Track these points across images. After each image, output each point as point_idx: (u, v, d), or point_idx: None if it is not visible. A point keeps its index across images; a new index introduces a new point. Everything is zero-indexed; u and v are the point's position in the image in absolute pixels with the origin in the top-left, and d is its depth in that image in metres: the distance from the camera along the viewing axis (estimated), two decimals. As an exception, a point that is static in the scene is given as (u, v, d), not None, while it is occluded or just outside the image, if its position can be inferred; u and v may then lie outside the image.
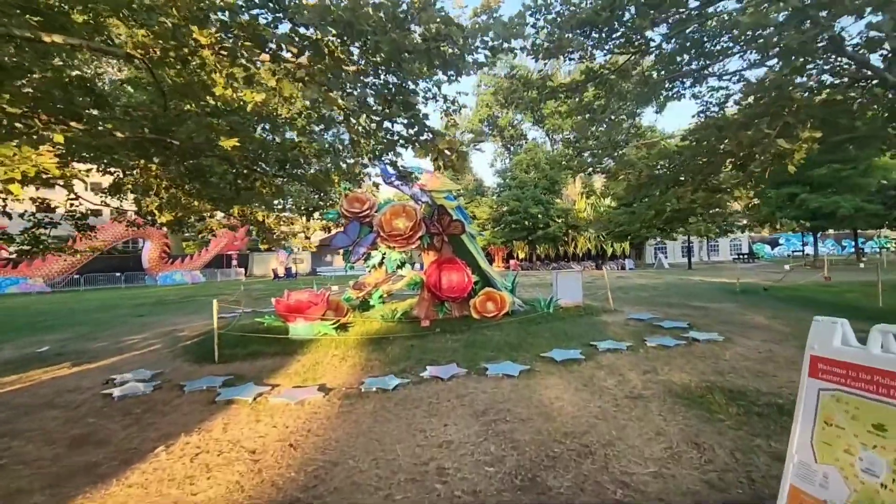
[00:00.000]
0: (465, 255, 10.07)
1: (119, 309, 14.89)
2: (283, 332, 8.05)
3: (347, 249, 9.70)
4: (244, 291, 16.30)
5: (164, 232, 33.07)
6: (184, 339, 8.72)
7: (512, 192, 37.18)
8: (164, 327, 10.43)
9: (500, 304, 9.38)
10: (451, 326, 8.69)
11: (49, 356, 7.50)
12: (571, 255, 41.34)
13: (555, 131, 53.29)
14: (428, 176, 10.01)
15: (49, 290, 26.77)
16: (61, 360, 7.12)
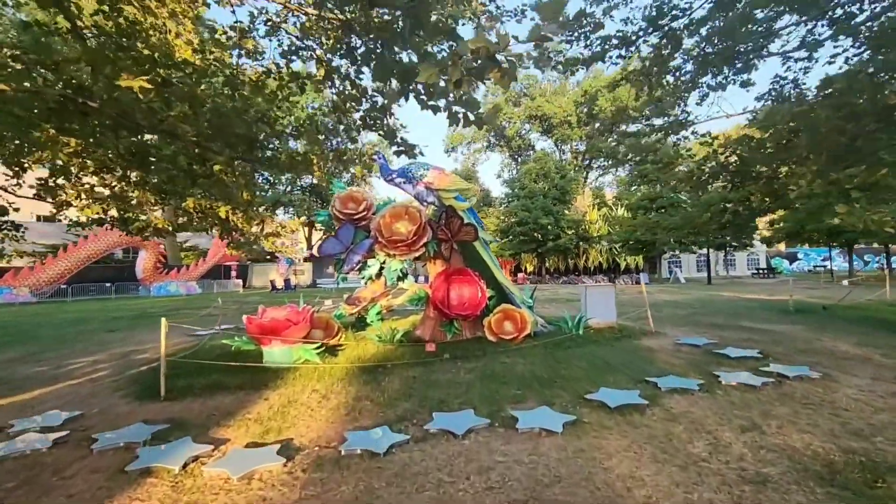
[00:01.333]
0: (478, 266, 8.55)
1: (91, 323, 13.43)
2: (256, 358, 6.53)
3: (339, 258, 8.21)
4: (223, 305, 14.82)
5: (159, 241, 31.84)
6: (139, 363, 7.22)
7: (521, 202, 35.76)
8: (126, 346, 8.94)
9: (521, 323, 7.84)
10: (462, 351, 7.15)
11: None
12: (583, 268, 39.70)
13: (563, 141, 52.06)
14: (435, 173, 8.56)
15: (34, 301, 25.43)
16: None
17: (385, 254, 8.05)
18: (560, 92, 53.34)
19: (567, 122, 49.93)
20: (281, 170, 4.90)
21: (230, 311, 15.86)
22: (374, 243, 8.11)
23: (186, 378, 5.84)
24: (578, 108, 51.09)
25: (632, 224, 17.74)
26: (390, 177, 8.57)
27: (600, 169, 57.27)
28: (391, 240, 7.96)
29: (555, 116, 49.06)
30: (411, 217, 8.20)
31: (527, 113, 50.80)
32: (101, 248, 29.16)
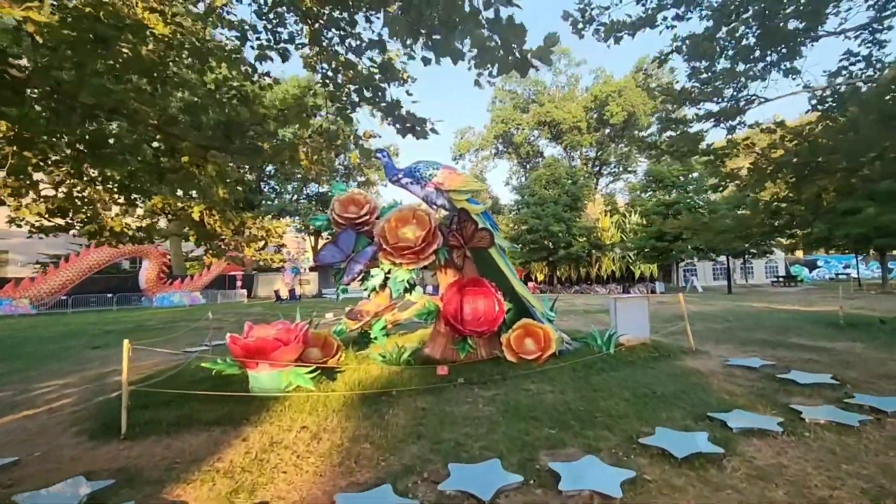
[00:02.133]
0: (494, 275, 7.62)
1: (80, 338, 12.65)
2: (241, 384, 5.65)
3: (339, 267, 7.34)
4: (222, 317, 14.01)
5: (162, 251, 31.32)
6: (112, 387, 6.37)
7: (531, 210, 34.83)
8: (105, 366, 8.11)
9: (544, 341, 6.88)
10: (478, 374, 6.21)
11: None
12: (595, 276, 38.57)
13: (573, 147, 51.21)
14: (445, 172, 7.68)
15: (33, 313, 24.84)
16: None
17: (390, 262, 7.16)
18: (569, 97, 52.60)
19: (577, 127, 49.08)
20: (264, 159, 4.05)
21: (228, 324, 15.04)
22: (377, 251, 7.23)
23: (155, 410, 4.96)
24: (588, 113, 50.27)
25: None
26: (396, 177, 7.70)
27: (611, 175, 56.31)
28: (397, 247, 7.08)
29: (564, 122, 48.24)
30: (419, 221, 7.33)
31: (535, 119, 50.06)
32: (104, 259, 28.60)
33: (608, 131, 52.21)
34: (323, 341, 7.11)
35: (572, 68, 54.40)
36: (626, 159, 53.37)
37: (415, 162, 7.81)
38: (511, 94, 54.47)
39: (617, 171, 55.65)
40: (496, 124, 52.25)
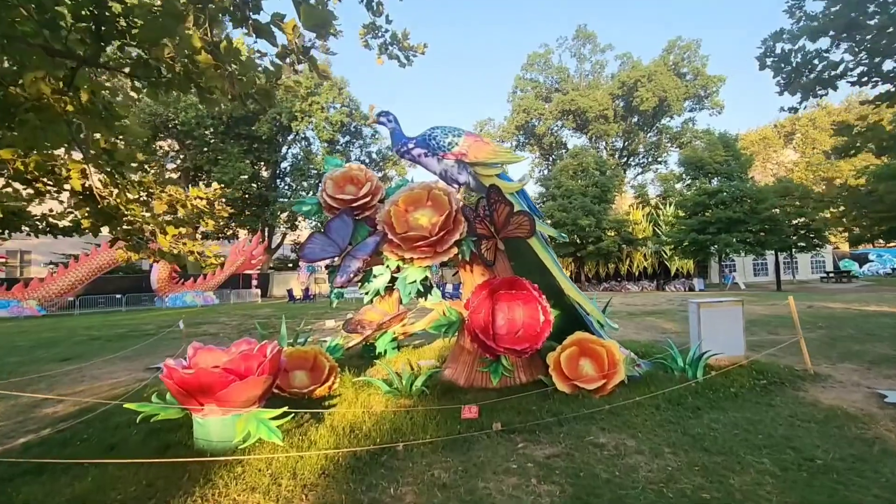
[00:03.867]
0: (536, 274, 5.79)
1: (60, 346, 11.28)
2: (184, 433, 3.97)
3: (332, 263, 5.62)
4: (219, 323, 12.50)
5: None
6: (34, 424, 4.76)
7: (557, 203, 32.64)
8: (57, 387, 6.58)
9: (608, 364, 5.02)
10: (521, 413, 4.41)
11: None
12: (626, 273, 36.18)
13: (599, 137, 48.65)
14: (470, 140, 5.86)
15: (40, 314, 24.00)
16: None
17: (398, 258, 5.39)
18: (594, 85, 49.97)
19: (603, 116, 46.45)
20: (167, 85, 2.32)
21: (228, 330, 13.55)
22: (381, 242, 5.47)
23: (34, 482, 3.30)
24: (615, 100, 47.61)
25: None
26: (405, 147, 5.92)
27: (639, 166, 53.42)
28: (407, 237, 5.32)
29: (589, 110, 45.65)
30: (436, 203, 5.55)
31: (559, 108, 47.60)
32: (113, 258, 27.63)
33: (636, 119, 49.42)
34: (312, 362, 5.40)
35: (597, 54, 51.74)
36: (656, 149, 50.43)
37: (430, 128, 6.01)
38: (532, 82, 52.08)
39: (646, 161, 52.74)
40: (517, 114, 49.92)
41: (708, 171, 27.20)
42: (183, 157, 34.37)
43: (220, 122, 32.82)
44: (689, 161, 29.37)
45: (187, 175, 35.38)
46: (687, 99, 46.83)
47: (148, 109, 30.86)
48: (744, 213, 24.49)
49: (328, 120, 36.72)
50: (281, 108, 34.99)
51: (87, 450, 3.92)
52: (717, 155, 26.83)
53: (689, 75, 46.42)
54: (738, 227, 24.84)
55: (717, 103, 47.23)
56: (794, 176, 38.27)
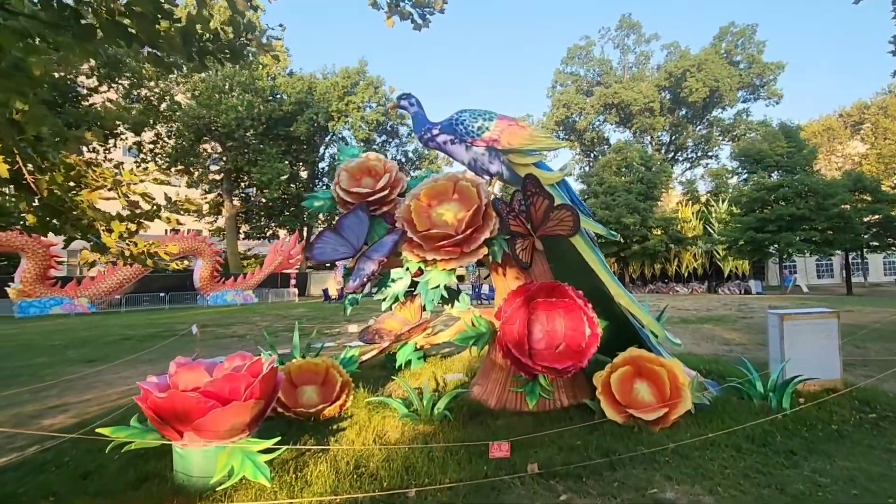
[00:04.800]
0: (581, 278, 4.95)
1: (94, 344, 11.32)
2: (167, 458, 3.41)
3: (346, 266, 4.99)
4: (250, 324, 12.23)
5: (216, 249, 30.98)
6: (15, 446, 4.37)
7: (599, 200, 31.12)
8: (66, 396, 6.31)
9: (672, 389, 4.12)
10: (564, 450, 3.61)
11: None
12: (674, 273, 34.14)
13: (644, 131, 46.39)
14: (503, 124, 5.09)
15: (90, 311, 24.93)
16: None
17: (418, 259, 4.69)
18: (639, 77, 47.71)
19: (648, 109, 44.21)
20: (84, 35, 1.71)
21: (255, 331, 13.29)
22: (399, 241, 4.78)
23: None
24: (661, 92, 45.25)
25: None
26: (429, 133, 5.21)
27: (687, 161, 50.59)
28: (429, 235, 4.61)
29: (634, 103, 43.55)
30: (463, 197, 4.82)
31: (601, 101, 45.69)
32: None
33: (685, 112, 46.79)
34: (323, 376, 4.78)
35: (642, 45, 49.39)
36: (707, 142, 47.55)
37: (457, 111, 5.28)
38: (573, 76, 50.33)
39: (695, 156, 49.88)
40: (557, 109, 48.33)
41: (767, 165, 25.03)
42: (224, 159, 35.10)
43: (259, 124, 33.28)
44: (746, 154, 27.22)
45: (229, 176, 36.19)
46: (741, 89, 43.90)
47: (192, 112, 31.67)
48: (809, 209, 22.34)
49: (364, 119, 36.64)
50: (318, 109, 35.19)
51: (60, 478, 3.43)
52: (777, 146, 24.64)
53: (743, 63, 43.47)
54: (802, 225, 22.72)
55: (775, 92, 44.03)
56: (862, 169, 34.97)
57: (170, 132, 33.91)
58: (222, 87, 32.10)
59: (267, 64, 35.26)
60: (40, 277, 23.48)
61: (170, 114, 32.31)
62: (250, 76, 33.10)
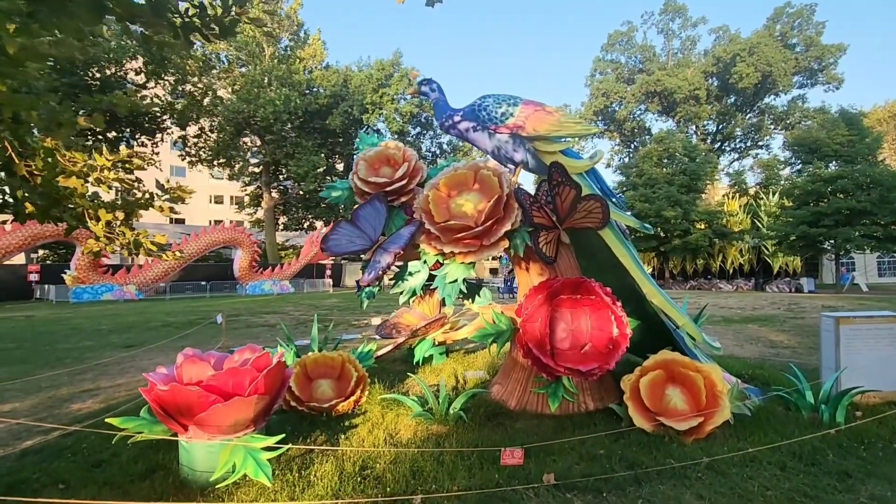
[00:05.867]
0: (611, 274, 4.63)
1: (135, 330, 11.78)
2: (175, 450, 3.38)
3: (362, 258, 4.84)
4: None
5: (255, 240, 31.89)
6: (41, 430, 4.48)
7: (639, 192, 29.97)
8: (98, 381, 6.51)
9: (708, 397, 3.77)
10: (584, 460, 3.35)
11: None
12: (718, 270, 32.57)
13: (688, 120, 44.34)
14: (528, 110, 4.79)
15: (138, 298, 26.16)
16: None
17: (436, 251, 4.49)
18: (684, 63, 45.54)
19: (693, 96, 42.20)
20: (55, 9, 1.59)
21: (288, 320, 13.49)
22: (417, 233, 4.60)
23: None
24: (708, 79, 43.06)
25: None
26: (450, 120, 4.98)
27: (735, 152, 48.02)
28: (448, 227, 4.41)
29: (678, 91, 41.63)
30: (484, 186, 4.58)
31: (643, 90, 43.95)
32: (201, 247, 29.48)
33: (733, 99, 44.40)
34: (338, 370, 4.68)
35: (688, 29, 47.07)
36: (757, 131, 44.99)
37: (480, 97, 5.02)
38: (613, 63, 48.65)
39: (744, 146, 47.29)
40: (596, 98, 46.88)
41: (825, 154, 23.31)
42: (263, 152, 35.97)
43: (296, 117, 33.84)
44: (801, 143, 25.48)
45: (267, 169, 37.10)
46: (797, 73, 41.22)
47: (232, 107, 32.54)
48: (871, 202, 20.65)
49: (398, 111, 36.66)
50: (353, 101, 35.46)
51: (74, 465, 3.46)
52: (837, 135, 22.89)
53: (799, 46, 40.74)
54: (863, 219, 21.07)
55: (835, 77, 41.07)
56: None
57: (212, 126, 35.09)
58: (261, 82, 32.79)
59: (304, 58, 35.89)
60: (93, 265, 24.76)
61: (212, 108, 33.44)
62: (287, 70, 33.71)
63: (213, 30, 2.13)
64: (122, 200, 2.56)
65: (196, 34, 2.08)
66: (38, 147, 2.12)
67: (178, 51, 2.03)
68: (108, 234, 2.51)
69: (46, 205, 2.50)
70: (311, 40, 37.09)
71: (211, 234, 29.54)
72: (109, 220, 2.46)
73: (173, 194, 2.61)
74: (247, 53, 33.29)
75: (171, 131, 34.25)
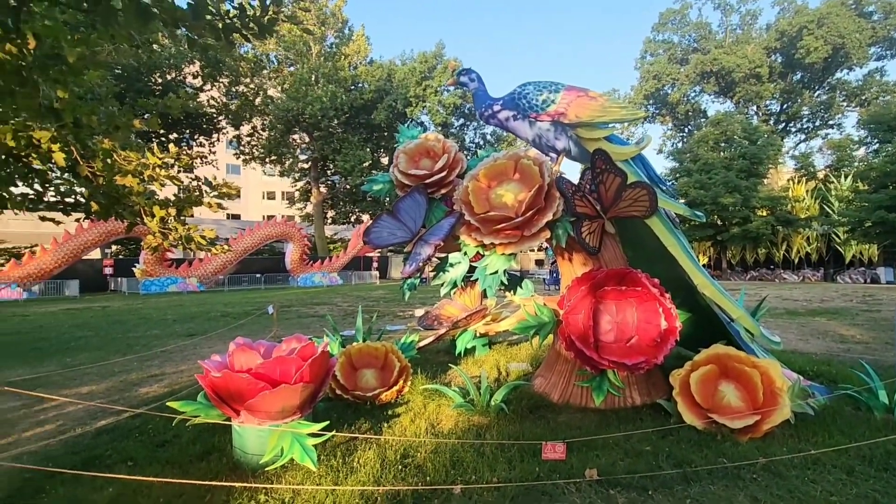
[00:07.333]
0: (659, 265, 4.44)
1: (197, 320, 12.53)
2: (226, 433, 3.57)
3: (404, 250, 4.90)
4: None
5: (305, 233, 33.03)
6: (134, 400, 4.86)
7: (693, 179, 28.53)
8: (164, 366, 6.99)
9: (766, 394, 3.55)
10: (627, 456, 3.25)
11: None
12: (781, 259, 30.56)
13: (749, 101, 41.61)
14: (571, 96, 4.65)
15: (199, 290, 27.78)
16: None
17: (476, 243, 4.47)
18: (744, 39, 42.68)
19: (755, 75, 39.49)
20: (105, 17, 1.69)
21: (337, 311, 13.92)
22: (456, 224, 4.59)
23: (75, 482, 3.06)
24: (771, 56, 40.17)
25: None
26: (489, 110, 4.91)
27: (802, 133, 44.60)
28: (488, 218, 4.38)
29: (737, 70, 39.10)
30: (524, 176, 4.51)
31: (698, 70, 41.60)
32: (255, 241, 30.89)
33: (799, 76, 41.21)
34: (382, 360, 4.78)
35: (748, 3, 44.12)
36: (826, 110, 41.53)
37: (520, 84, 4.92)
38: (665, 44, 46.30)
39: (811, 126, 43.83)
40: (646, 82, 44.84)
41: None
42: (312, 148, 37.08)
43: (342, 113, 34.60)
44: (878, 120, 23.33)
45: (316, 165, 38.25)
46: (874, 44, 37.66)
47: (282, 105, 33.69)
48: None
49: (441, 103, 36.65)
50: (397, 95, 35.79)
51: (141, 445, 3.73)
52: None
53: (877, 14, 37.14)
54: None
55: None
56: None
57: (264, 125, 36.54)
58: (309, 80, 33.71)
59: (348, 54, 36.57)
60: (159, 260, 26.50)
61: (263, 107, 34.81)
62: (333, 67, 34.47)
63: (252, 29, 2.19)
64: (175, 197, 2.75)
65: (236, 34, 2.15)
66: (97, 149, 2.30)
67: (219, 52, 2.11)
68: (162, 230, 2.70)
69: (108, 203, 2.69)
70: (355, 36, 37.70)
71: (264, 229, 30.88)
72: (163, 216, 2.64)
73: (220, 191, 2.75)
74: (295, 53, 34.28)
75: (226, 131, 35.99)
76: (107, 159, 2.32)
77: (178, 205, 2.70)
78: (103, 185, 2.42)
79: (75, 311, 15.59)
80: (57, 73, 1.94)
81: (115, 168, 2.37)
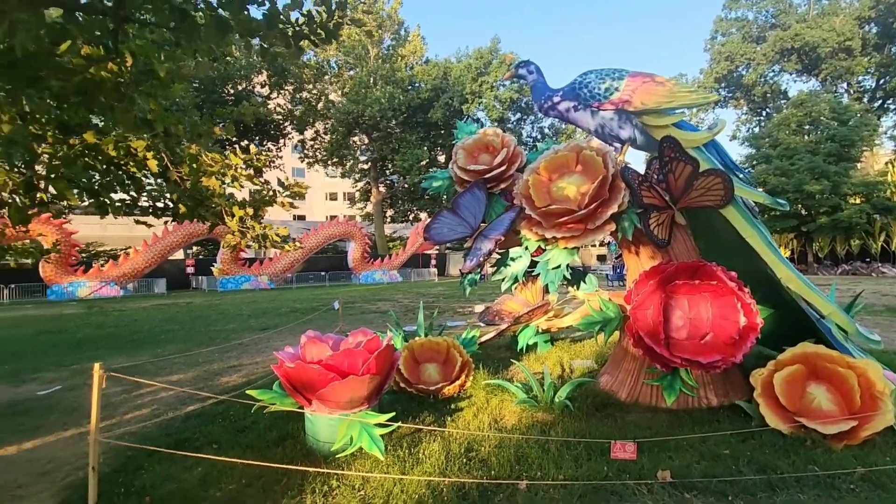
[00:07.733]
0: (737, 257, 4.16)
1: (268, 316, 13.31)
2: (302, 421, 3.77)
3: (464, 245, 4.92)
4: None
5: (365, 232, 34.09)
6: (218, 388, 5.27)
7: (773, 165, 26.37)
8: (242, 358, 7.49)
9: (865, 398, 3.23)
10: (703, 459, 3.08)
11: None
12: (879, 251, 27.55)
13: (837, 78, 37.76)
14: (636, 82, 4.46)
15: (270, 288, 29.45)
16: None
17: (538, 237, 4.41)
18: (830, 11, 38.75)
19: (844, 49, 35.75)
20: (189, 32, 1.85)
21: (398, 307, 14.25)
22: (517, 219, 4.55)
23: (165, 462, 3.36)
24: (864, 26, 36.21)
25: None
26: (549, 101, 4.81)
27: (904, 110, 39.81)
28: (549, 212, 4.30)
29: (823, 45, 35.59)
30: (587, 168, 4.38)
31: (777, 48, 38.32)
32: (320, 241, 32.25)
33: (898, 48, 36.83)
34: (444, 355, 4.84)
35: (836, -30, 39.91)
36: (934, 82, 36.86)
37: (582, 73, 4.78)
38: (739, 22, 43.01)
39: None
40: (717, 63, 41.90)
41: None
42: (371, 149, 38.15)
43: (399, 113, 35.29)
44: None
45: (375, 165, 39.31)
46: None
47: (343, 109, 34.91)
48: None
49: (497, 98, 36.37)
50: (453, 93, 35.96)
51: (223, 429, 4.03)
52: None
53: None
54: None
55: None
56: None
57: (326, 129, 38.04)
58: (367, 82, 34.67)
59: (405, 55, 37.22)
60: (234, 259, 28.36)
61: (325, 112, 36.25)
62: (391, 69, 35.21)
63: (319, 35, 2.29)
64: (252, 198, 2.95)
65: (305, 41, 2.26)
66: (184, 155, 2.52)
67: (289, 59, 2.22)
68: (241, 229, 2.92)
69: (193, 205, 2.92)
70: (410, 37, 38.27)
71: (328, 229, 32.16)
72: (241, 215, 2.84)
73: (292, 190, 2.92)
74: (354, 57, 35.37)
75: (291, 136, 37.84)
76: (193, 164, 2.55)
77: (255, 205, 2.90)
78: (189, 188, 2.66)
79: (164, 306, 17.05)
80: (149, 87, 2.15)
81: (200, 171, 2.58)
